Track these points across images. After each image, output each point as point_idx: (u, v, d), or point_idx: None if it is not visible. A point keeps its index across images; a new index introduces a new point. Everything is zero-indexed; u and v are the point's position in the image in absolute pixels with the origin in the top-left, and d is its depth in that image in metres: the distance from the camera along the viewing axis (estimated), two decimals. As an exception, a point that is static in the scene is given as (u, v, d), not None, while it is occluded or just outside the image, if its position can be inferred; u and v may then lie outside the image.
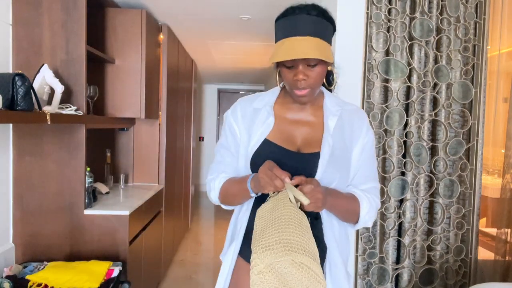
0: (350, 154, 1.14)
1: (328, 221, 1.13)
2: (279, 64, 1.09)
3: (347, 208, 1.12)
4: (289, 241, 0.88)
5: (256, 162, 1.11)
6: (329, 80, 1.20)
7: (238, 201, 1.19)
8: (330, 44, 1.07)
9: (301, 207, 1.00)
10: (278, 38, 1.07)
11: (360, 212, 1.14)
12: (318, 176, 1.08)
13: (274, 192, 1.04)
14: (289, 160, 1.10)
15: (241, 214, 1.20)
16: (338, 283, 1.12)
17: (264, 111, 1.17)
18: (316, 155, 1.10)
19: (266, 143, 1.13)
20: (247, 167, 1.14)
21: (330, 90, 1.24)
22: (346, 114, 1.17)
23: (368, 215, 1.14)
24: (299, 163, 1.10)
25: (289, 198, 1.00)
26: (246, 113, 1.19)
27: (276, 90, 1.22)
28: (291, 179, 0.99)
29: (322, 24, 1.04)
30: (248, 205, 1.18)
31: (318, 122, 1.16)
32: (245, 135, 1.17)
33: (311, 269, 0.87)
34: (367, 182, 1.17)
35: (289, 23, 1.04)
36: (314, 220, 1.09)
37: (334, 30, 1.10)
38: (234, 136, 1.20)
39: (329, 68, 1.13)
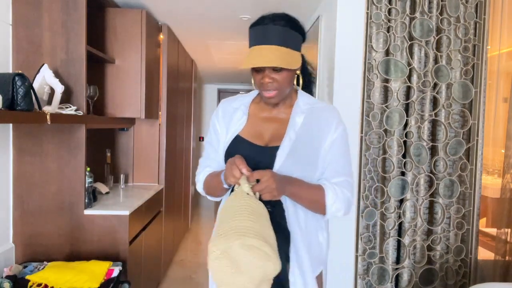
0: (317, 149, 1.21)
1: (293, 209, 1.20)
2: (252, 69, 1.20)
3: (311, 197, 1.18)
4: (240, 227, 0.96)
5: (228, 156, 1.21)
6: (307, 84, 1.32)
7: (218, 193, 1.29)
8: (298, 51, 1.19)
9: (261, 197, 1.08)
10: (250, 45, 1.18)
11: (326, 202, 1.19)
12: (276, 167, 1.16)
13: (239, 186, 1.11)
14: (256, 154, 1.20)
15: (219, 209, 1.29)
16: (301, 267, 1.19)
17: (240, 110, 1.30)
18: (277, 148, 1.19)
19: (238, 139, 1.25)
20: (224, 161, 1.26)
21: (311, 93, 1.35)
22: (316, 112, 1.26)
23: (335, 206, 1.19)
24: (263, 156, 1.20)
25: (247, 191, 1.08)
26: (226, 113, 1.32)
27: (254, 92, 1.34)
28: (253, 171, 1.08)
29: (288, 33, 1.15)
30: (224, 199, 1.29)
31: (287, 119, 1.25)
32: (224, 132, 1.30)
33: (261, 249, 0.93)
34: (338, 176, 1.23)
35: (258, 32, 1.15)
36: (272, 207, 1.15)
37: (304, 38, 1.22)
38: (216, 133, 1.33)
39: (298, 72, 1.24)
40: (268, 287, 0.99)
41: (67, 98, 2.12)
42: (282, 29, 1.14)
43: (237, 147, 1.23)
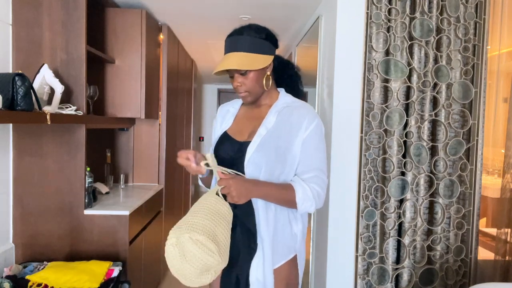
0: (286, 145, 1.32)
1: (263, 209, 1.31)
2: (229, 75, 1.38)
3: (281, 197, 1.29)
4: (194, 223, 1.12)
5: (216, 150, 1.41)
6: (294, 83, 1.49)
7: (203, 180, 1.51)
8: (267, 54, 1.33)
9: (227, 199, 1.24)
10: (224, 54, 1.35)
11: (296, 200, 1.29)
12: (246, 160, 1.30)
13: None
14: (233, 147, 1.37)
15: None
16: (265, 261, 1.31)
17: (230, 112, 1.50)
18: (248, 143, 1.33)
19: (224, 135, 1.42)
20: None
21: (299, 93, 1.49)
22: (289, 110, 1.37)
23: (305, 203, 1.30)
24: (238, 150, 1.35)
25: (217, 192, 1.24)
26: (221, 114, 1.53)
27: None
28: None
29: (252, 41, 1.30)
30: None
31: (264, 117, 1.39)
32: (219, 130, 1.49)
33: (206, 245, 1.09)
34: (309, 171, 1.32)
35: (228, 42, 1.34)
36: (236, 209, 1.29)
37: (273, 42, 1.37)
38: (215, 133, 1.51)
39: (268, 73, 1.36)
40: (211, 278, 1.16)
41: (67, 98, 2.12)
42: (245, 37, 1.30)
43: (222, 142, 1.41)
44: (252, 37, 1.31)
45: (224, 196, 1.24)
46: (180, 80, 4.14)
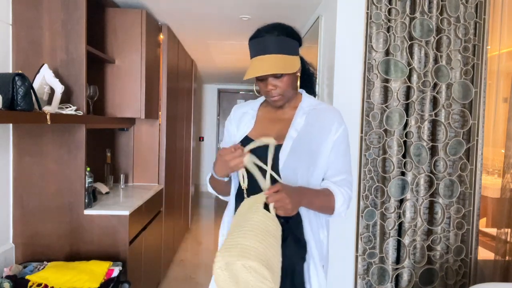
0: (318, 148, 1.28)
1: (307, 218, 1.27)
2: (256, 78, 1.30)
3: (323, 204, 1.26)
4: (245, 247, 1.04)
5: None
6: (308, 84, 1.41)
7: (217, 187, 1.38)
8: (296, 54, 1.29)
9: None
10: (251, 56, 1.28)
11: (335, 205, 1.27)
12: (281, 165, 1.24)
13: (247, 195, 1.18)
14: (259, 151, 1.26)
15: (226, 211, 1.39)
16: (315, 265, 1.28)
17: (249, 114, 1.41)
18: (280, 147, 1.26)
19: (246, 139, 1.34)
20: None
21: (314, 93, 1.45)
22: (317, 113, 1.34)
23: (342, 207, 1.28)
24: (267, 154, 1.25)
25: (265, 204, 1.13)
26: (236, 116, 1.44)
27: (262, 98, 1.45)
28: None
29: (284, 41, 1.24)
30: (231, 202, 1.36)
31: (291, 119, 1.34)
32: (235, 132, 1.41)
33: (259, 272, 1.02)
34: (339, 174, 1.31)
35: (256, 44, 1.26)
36: (285, 223, 1.20)
37: (300, 42, 1.31)
38: (229, 135, 1.45)
39: (298, 74, 1.32)
40: None
41: (67, 98, 2.12)
42: (277, 38, 1.23)
43: (245, 147, 1.30)
44: (284, 37, 1.24)
45: (266, 206, 1.14)
46: (180, 80, 4.14)
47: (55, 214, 2.17)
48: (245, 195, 1.21)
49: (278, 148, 1.26)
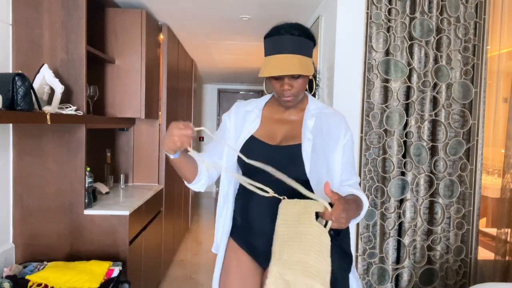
0: (333, 153, 1.29)
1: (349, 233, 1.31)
2: (272, 77, 1.27)
3: (358, 211, 1.23)
4: (306, 264, 1.03)
5: (246, 156, 1.26)
6: (311, 87, 1.40)
7: (183, 172, 1.37)
8: (311, 57, 1.27)
9: (326, 222, 1.11)
10: (266, 54, 1.26)
11: (363, 210, 1.26)
12: (307, 168, 1.22)
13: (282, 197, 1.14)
14: (269, 152, 1.27)
15: (222, 212, 1.40)
16: (354, 273, 1.32)
17: (253, 113, 1.38)
18: (295, 147, 1.25)
19: (251, 139, 1.32)
20: (234, 159, 1.33)
21: (314, 95, 1.44)
22: (324, 117, 1.33)
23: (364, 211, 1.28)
24: (276, 154, 1.27)
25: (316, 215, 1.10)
26: (238, 114, 1.40)
27: (267, 96, 1.43)
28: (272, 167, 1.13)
29: (304, 42, 1.23)
30: (228, 202, 1.37)
31: (298, 121, 1.33)
32: (233, 130, 1.38)
33: None
34: (351, 178, 1.32)
35: (275, 42, 1.22)
36: (337, 235, 1.21)
37: (314, 44, 1.29)
38: (224, 130, 1.41)
39: (310, 77, 1.32)
40: None
41: (67, 98, 2.12)
42: (297, 38, 1.21)
43: (251, 147, 1.30)
44: (304, 38, 1.23)
45: (317, 215, 1.10)
46: (180, 80, 4.14)
47: (55, 214, 2.17)
48: (281, 197, 1.15)
49: (287, 148, 1.25)
